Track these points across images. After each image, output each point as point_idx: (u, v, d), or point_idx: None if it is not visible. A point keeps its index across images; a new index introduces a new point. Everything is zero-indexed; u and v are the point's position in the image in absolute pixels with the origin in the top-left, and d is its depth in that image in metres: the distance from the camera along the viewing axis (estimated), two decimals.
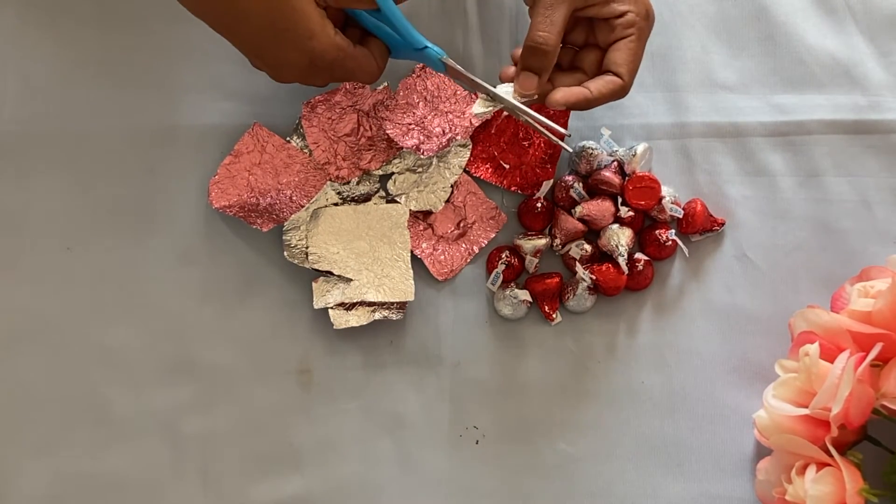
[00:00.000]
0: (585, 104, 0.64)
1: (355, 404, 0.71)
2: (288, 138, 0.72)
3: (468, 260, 0.73)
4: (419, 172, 0.72)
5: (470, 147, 0.73)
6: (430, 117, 0.71)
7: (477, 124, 0.72)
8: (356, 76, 0.63)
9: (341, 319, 0.70)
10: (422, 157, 0.72)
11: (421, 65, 0.73)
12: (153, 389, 0.70)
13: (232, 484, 0.69)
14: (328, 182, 0.72)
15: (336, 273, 0.70)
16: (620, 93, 0.64)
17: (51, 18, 0.74)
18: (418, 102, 0.72)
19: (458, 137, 0.71)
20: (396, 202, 0.72)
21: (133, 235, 0.72)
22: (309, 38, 0.58)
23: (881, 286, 0.64)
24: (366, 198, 0.72)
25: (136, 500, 0.69)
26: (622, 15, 0.63)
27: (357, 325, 0.69)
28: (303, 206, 0.71)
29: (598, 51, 0.66)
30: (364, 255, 0.70)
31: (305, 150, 0.72)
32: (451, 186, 0.72)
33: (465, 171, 0.73)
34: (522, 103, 0.64)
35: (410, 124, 0.71)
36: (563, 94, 0.63)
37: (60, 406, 0.70)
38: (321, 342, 0.71)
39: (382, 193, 0.72)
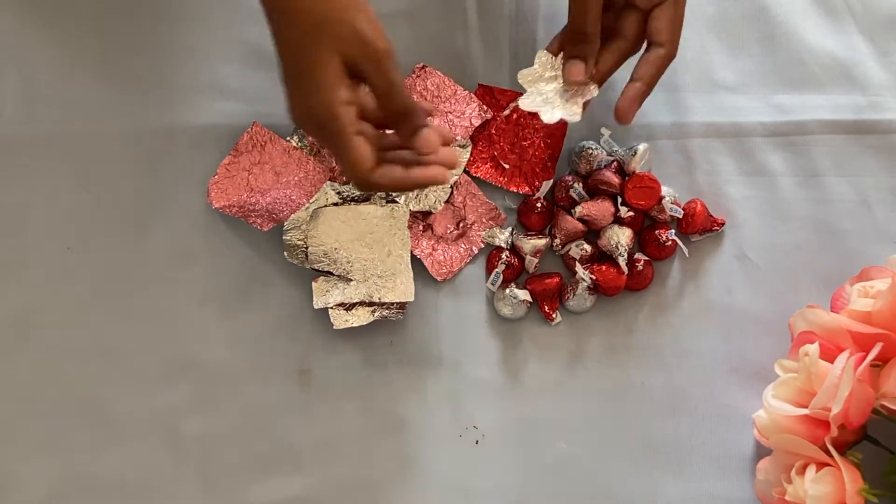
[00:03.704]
0: (647, 95, 0.65)
1: (355, 404, 0.71)
2: (288, 138, 0.72)
3: (468, 260, 0.73)
4: None
5: (470, 147, 0.73)
6: (430, 117, 0.71)
7: (477, 124, 0.72)
8: (340, 159, 0.58)
9: (341, 319, 0.70)
10: None
11: (421, 64, 0.73)
12: (153, 389, 0.70)
13: (232, 484, 0.69)
14: (328, 182, 0.71)
15: (336, 273, 0.70)
16: (667, 61, 0.65)
17: (51, 18, 0.74)
18: None
19: (458, 137, 0.71)
20: (396, 202, 0.72)
21: (133, 235, 0.72)
22: (315, 90, 0.56)
23: (881, 286, 0.64)
24: (366, 198, 0.72)
25: (136, 501, 0.69)
26: None
27: (357, 325, 0.69)
28: (303, 206, 0.71)
29: (637, 13, 0.65)
30: (364, 255, 0.70)
31: (305, 150, 0.72)
32: (451, 186, 0.72)
33: (465, 171, 0.73)
34: (571, 91, 0.66)
35: None
36: (628, 107, 0.65)
37: (60, 406, 0.70)
38: (321, 342, 0.71)
39: (382, 193, 0.72)
